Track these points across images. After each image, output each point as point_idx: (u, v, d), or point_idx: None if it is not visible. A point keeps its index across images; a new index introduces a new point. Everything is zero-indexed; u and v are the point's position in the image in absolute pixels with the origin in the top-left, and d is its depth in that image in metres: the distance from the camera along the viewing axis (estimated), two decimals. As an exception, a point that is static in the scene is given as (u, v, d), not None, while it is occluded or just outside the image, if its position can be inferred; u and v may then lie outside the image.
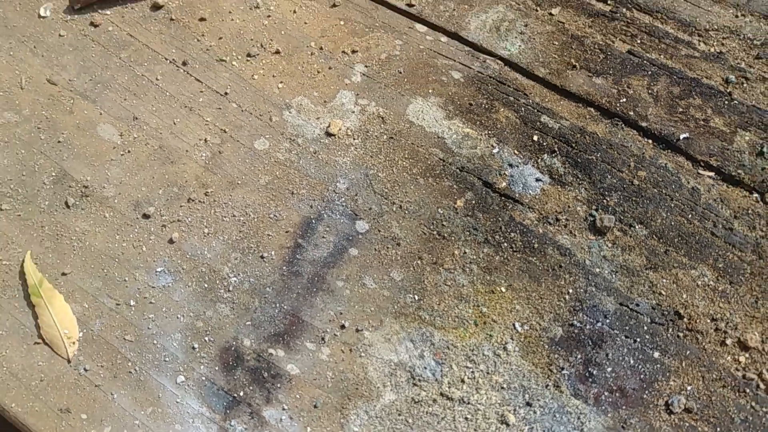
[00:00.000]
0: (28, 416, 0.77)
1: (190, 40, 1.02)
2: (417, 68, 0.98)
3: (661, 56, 0.96)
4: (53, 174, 0.92)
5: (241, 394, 0.77)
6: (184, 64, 1.00)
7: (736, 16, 1.00)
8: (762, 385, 0.75)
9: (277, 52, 1.00)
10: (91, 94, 0.98)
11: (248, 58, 1.00)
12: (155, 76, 0.99)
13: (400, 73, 0.98)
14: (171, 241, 0.86)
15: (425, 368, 0.77)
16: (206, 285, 0.84)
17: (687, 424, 0.73)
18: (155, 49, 1.02)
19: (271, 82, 0.98)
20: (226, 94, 0.97)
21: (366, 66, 0.99)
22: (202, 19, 1.04)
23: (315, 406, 0.76)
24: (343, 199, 0.89)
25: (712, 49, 0.96)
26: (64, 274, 0.85)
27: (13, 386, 0.79)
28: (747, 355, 0.76)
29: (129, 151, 0.93)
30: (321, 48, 1.01)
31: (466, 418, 0.74)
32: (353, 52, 1.00)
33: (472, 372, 0.76)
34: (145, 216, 0.88)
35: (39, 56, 1.01)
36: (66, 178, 0.91)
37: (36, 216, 0.89)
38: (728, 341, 0.76)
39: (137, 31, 1.03)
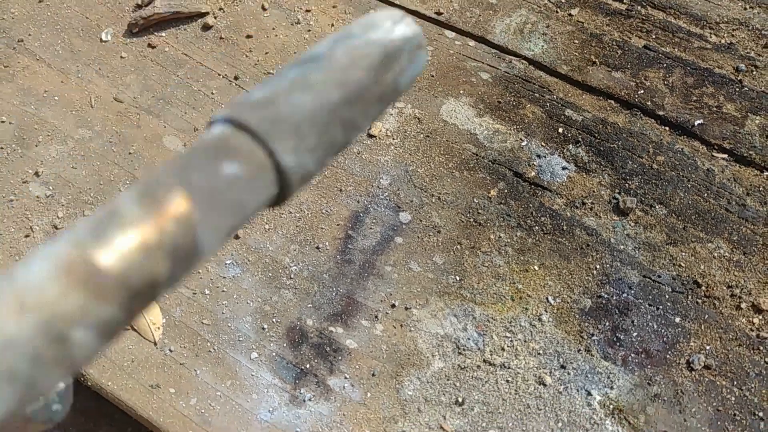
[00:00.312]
0: (123, 392, 0.88)
1: (239, 56, 1.13)
2: (448, 71, 1.07)
3: (675, 49, 1.04)
4: (127, 182, 1.03)
5: (308, 366, 0.87)
6: (236, 78, 1.11)
7: (745, 9, 1.07)
8: (775, 343, 0.82)
9: (321, 63, 1.10)
10: (154, 109, 1.09)
11: (294, 70, 1.11)
12: (210, 90, 1.10)
13: (433, 76, 1.07)
14: (237, 237, 0.97)
15: (469, 339, 0.87)
16: (270, 274, 0.94)
17: (707, 380, 0.81)
18: (208, 66, 1.13)
19: (317, 90, 1.08)
20: (276, 103, 1.08)
21: (402, 72, 1.08)
22: (248, 36, 1.15)
23: (373, 375, 0.86)
24: (387, 193, 0.98)
25: (723, 41, 1.04)
26: (144, 269, 0.96)
27: (108, 368, 0.90)
28: (760, 317, 0.84)
29: (193, 159, 1.04)
30: (360, 57, 1.10)
31: (507, 381, 0.83)
32: (389, 59, 1.10)
33: (511, 341, 0.86)
34: (212, 215, 0.99)
35: (105, 77, 1.13)
36: (139, 185, 1.02)
37: (115, 220, 1.00)
38: (743, 305, 0.84)
39: (191, 50, 1.14)
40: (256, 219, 0.98)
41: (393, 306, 0.90)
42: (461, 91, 1.05)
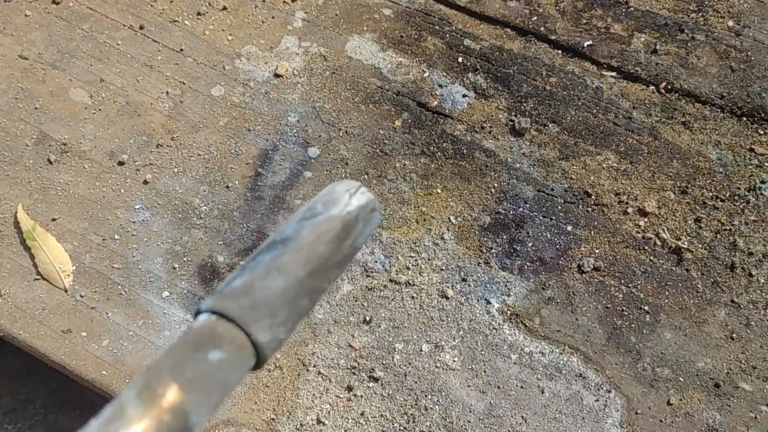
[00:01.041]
0: (35, 340, 0.88)
1: (144, 7, 1.12)
2: (351, 9, 1.09)
3: (568, -23, 1.07)
4: (34, 136, 1.02)
5: (219, 300, 0.89)
6: (141, 28, 1.10)
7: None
8: (658, 242, 0.87)
9: (224, 8, 1.10)
10: (60, 63, 1.08)
11: (198, 17, 1.10)
12: (116, 41, 1.09)
13: (337, 15, 1.09)
14: (145, 182, 0.97)
15: (376, 262, 0.89)
16: (180, 215, 0.95)
17: (596, 280, 0.86)
18: (113, 17, 1.12)
19: (222, 35, 1.09)
20: (181, 50, 1.08)
21: (305, 12, 1.09)
22: (153, -13, 1.14)
23: (283, 303, 0.88)
24: (295, 130, 1.00)
25: (612, -34, 1.08)
26: (53, 219, 0.96)
27: (19, 317, 0.90)
28: (646, 220, 0.88)
29: (100, 110, 1.04)
30: (263, 0, 1.11)
31: (412, 297, 0.86)
32: (293, 1, 1.10)
33: (416, 260, 0.89)
34: (120, 163, 0.99)
35: (9, 36, 1.11)
36: (46, 139, 1.02)
37: (23, 174, 0.99)
38: (629, 210, 0.89)
39: (95, 4, 1.13)
40: (164, 163, 0.99)
41: (302, 237, 0.92)
42: (365, 28, 1.07)
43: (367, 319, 0.86)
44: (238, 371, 0.39)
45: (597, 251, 0.87)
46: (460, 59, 1.02)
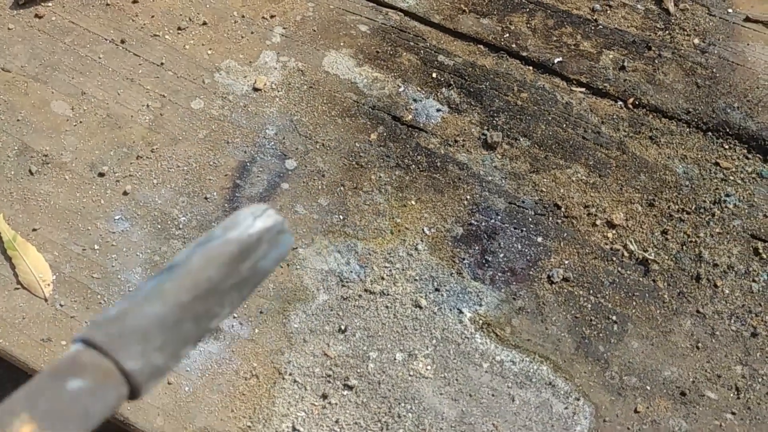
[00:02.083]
0: (15, 348, 0.89)
1: (125, 21, 1.14)
2: (329, 25, 1.11)
3: (541, -4, 1.11)
4: (15, 148, 1.03)
5: (196, 309, 0.90)
6: (123, 42, 1.12)
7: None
8: (626, 254, 0.90)
9: (205, 23, 1.13)
10: (42, 76, 1.09)
11: (179, 31, 1.12)
12: (97, 55, 1.11)
13: (315, 31, 1.11)
14: (125, 193, 0.99)
15: (351, 272, 0.91)
16: (159, 226, 0.96)
17: (565, 291, 0.88)
18: (95, 31, 1.13)
19: (201, 50, 1.11)
20: (162, 64, 1.09)
21: (284, 28, 1.12)
22: (135, 2, 1.15)
23: (261, 312, 0.89)
24: (273, 142, 1.02)
25: (582, -15, 1.11)
26: (34, 229, 0.97)
27: (-2, 327, 0.91)
28: (614, 232, 0.91)
29: (81, 122, 1.05)
30: (243, 16, 1.13)
31: (386, 306, 0.88)
32: (272, 17, 1.13)
33: (390, 270, 0.91)
34: (101, 174, 1.00)
35: (-10, 48, 1.12)
36: (27, 150, 1.03)
37: (4, 184, 1.00)
38: (598, 222, 0.92)
39: (78, 18, 1.15)
40: (144, 175, 1.00)
41: (279, 248, 0.94)
42: (342, 43, 1.09)
43: (342, 328, 0.88)
44: (104, 400, 0.37)
45: (566, 262, 0.90)
46: (434, 74, 1.05)
